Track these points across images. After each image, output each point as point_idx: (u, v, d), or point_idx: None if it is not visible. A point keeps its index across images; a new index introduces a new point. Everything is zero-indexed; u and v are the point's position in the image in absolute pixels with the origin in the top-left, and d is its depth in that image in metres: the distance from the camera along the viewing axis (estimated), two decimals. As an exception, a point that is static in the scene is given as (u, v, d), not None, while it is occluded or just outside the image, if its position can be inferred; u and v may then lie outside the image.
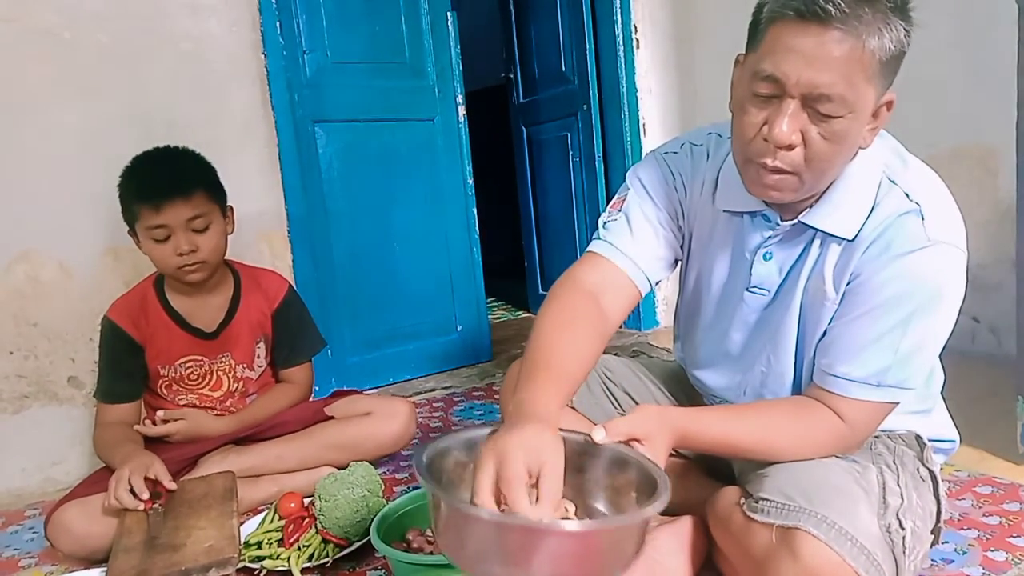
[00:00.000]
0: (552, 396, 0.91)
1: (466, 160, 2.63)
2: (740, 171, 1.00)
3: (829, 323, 1.02)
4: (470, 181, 2.65)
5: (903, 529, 0.95)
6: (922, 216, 0.94)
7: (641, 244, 1.13)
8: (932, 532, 1.04)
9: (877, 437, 1.10)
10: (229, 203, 1.62)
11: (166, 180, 1.48)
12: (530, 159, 3.45)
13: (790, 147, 0.89)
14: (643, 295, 1.16)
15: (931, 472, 1.07)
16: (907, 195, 0.96)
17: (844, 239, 0.99)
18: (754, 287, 1.10)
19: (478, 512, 0.74)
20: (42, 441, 1.86)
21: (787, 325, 1.07)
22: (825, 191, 1.00)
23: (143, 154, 1.55)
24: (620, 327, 3.12)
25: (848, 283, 0.99)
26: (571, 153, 3.12)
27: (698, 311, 1.23)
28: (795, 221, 1.02)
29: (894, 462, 1.06)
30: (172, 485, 1.31)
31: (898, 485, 1.01)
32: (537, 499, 0.76)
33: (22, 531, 1.63)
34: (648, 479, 0.84)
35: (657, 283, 1.18)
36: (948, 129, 2.16)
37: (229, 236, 1.61)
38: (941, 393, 1.17)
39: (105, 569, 1.17)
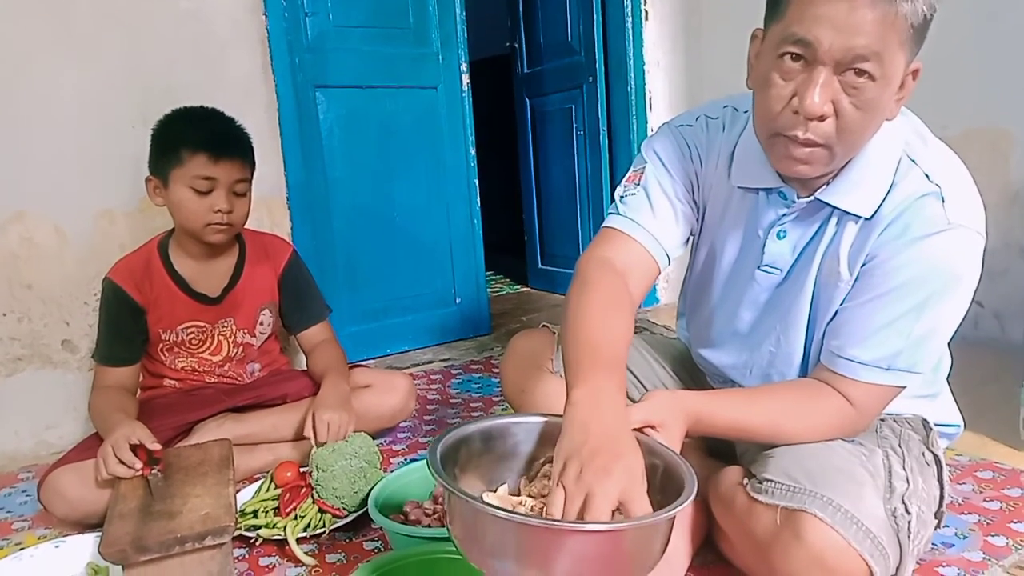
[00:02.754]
0: (619, 390, 0.87)
1: (469, 130, 2.59)
2: (765, 147, 0.97)
3: (841, 304, 1.00)
4: (472, 152, 2.61)
5: (909, 514, 0.95)
6: (942, 199, 0.92)
7: (661, 220, 1.11)
8: (935, 516, 1.03)
9: (883, 420, 1.09)
10: None
11: (232, 136, 1.52)
12: (533, 131, 3.41)
13: (822, 118, 0.86)
14: (662, 272, 1.14)
15: (936, 456, 1.06)
16: (927, 176, 0.94)
17: (861, 217, 0.97)
18: (766, 266, 1.07)
19: (499, 513, 0.71)
20: (36, 404, 1.85)
21: (799, 305, 1.05)
22: (843, 168, 0.97)
23: (193, 107, 1.55)
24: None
25: (863, 264, 0.97)
26: (575, 126, 3.08)
27: (707, 288, 1.20)
28: (812, 198, 0.99)
29: (900, 446, 1.05)
30: (155, 446, 1.29)
31: (904, 469, 1.00)
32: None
33: (15, 494, 1.62)
34: (670, 470, 0.82)
35: (674, 258, 1.16)
36: (960, 111, 2.12)
37: None
38: (947, 379, 1.16)
39: (99, 534, 1.16)
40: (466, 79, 2.54)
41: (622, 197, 1.14)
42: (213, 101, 1.59)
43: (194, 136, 1.47)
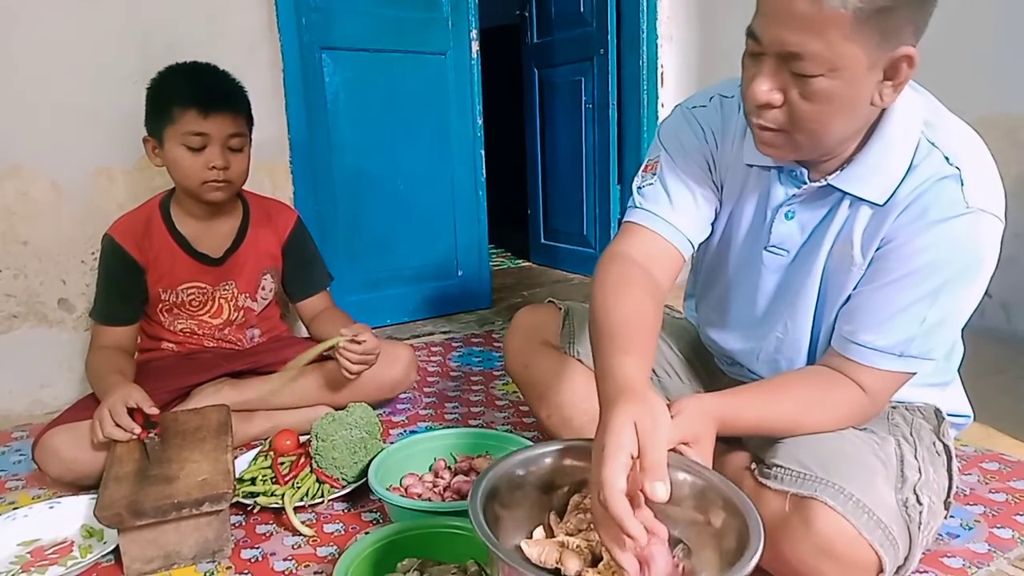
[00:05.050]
0: (643, 370, 0.86)
1: (477, 99, 2.54)
2: None
3: (854, 289, 0.98)
4: (479, 121, 2.56)
5: (920, 504, 0.93)
6: (961, 181, 0.89)
7: (680, 209, 1.09)
8: (945, 507, 1.02)
9: (894, 407, 1.08)
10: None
11: (222, 90, 1.47)
12: (540, 103, 3.35)
13: (768, 105, 0.88)
14: (687, 259, 1.12)
15: (946, 446, 1.05)
16: (947, 159, 0.91)
17: (872, 203, 0.95)
18: (773, 246, 1.06)
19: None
20: (30, 363, 1.82)
21: (807, 289, 1.03)
22: (858, 152, 0.95)
23: (185, 63, 1.51)
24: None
25: (878, 248, 0.95)
26: (584, 99, 3.03)
27: (718, 269, 1.19)
28: (823, 183, 0.97)
29: (911, 434, 1.04)
30: (153, 410, 1.27)
31: (916, 459, 0.99)
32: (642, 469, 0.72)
33: (9, 453, 1.60)
34: (731, 507, 0.77)
35: (700, 245, 1.14)
36: (976, 98, 2.08)
37: None
38: (958, 368, 1.15)
39: (94, 497, 1.15)
40: (476, 46, 2.49)
41: (639, 188, 1.12)
42: (215, 58, 1.54)
43: (183, 92, 1.43)
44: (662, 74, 2.85)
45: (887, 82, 0.87)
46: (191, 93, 1.43)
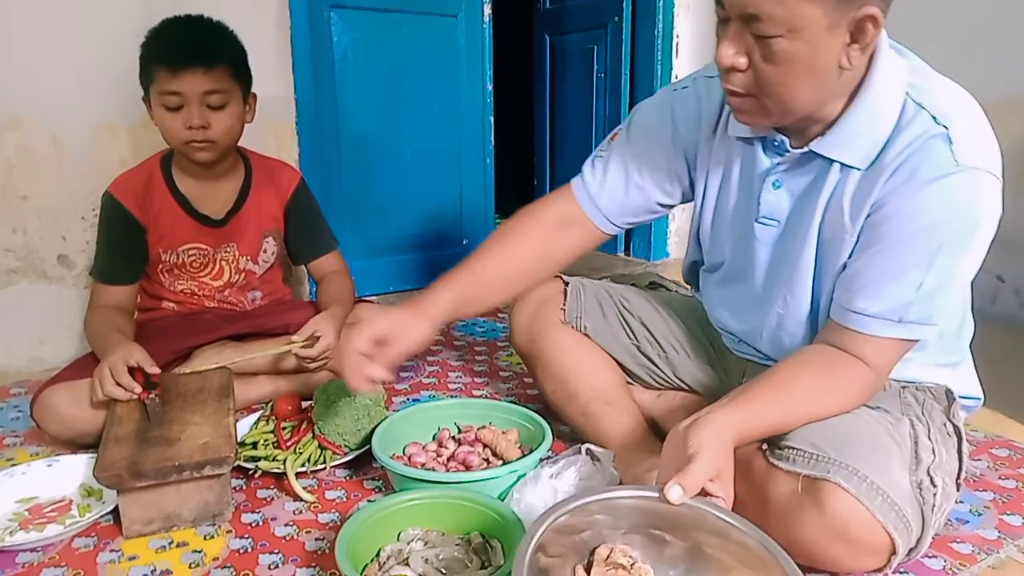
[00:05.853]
0: (445, 293, 1.11)
1: (487, 64, 2.48)
2: None
3: (849, 257, 0.96)
4: (490, 87, 2.51)
5: (935, 487, 0.92)
6: (950, 140, 0.87)
7: (610, 190, 1.17)
8: (956, 488, 1.01)
9: (904, 387, 1.06)
10: (253, 90, 1.52)
11: (191, 46, 1.38)
12: (551, 71, 3.28)
13: (734, 68, 0.89)
14: (610, 235, 1.22)
15: (956, 427, 1.03)
16: (934, 118, 0.89)
17: (856, 168, 0.93)
18: (763, 217, 1.05)
19: None
20: (29, 319, 1.80)
21: (804, 261, 1.01)
22: (840, 117, 0.94)
23: (174, 17, 1.45)
24: (630, 256, 3.06)
25: (869, 215, 0.93)
26: (596, 68, 2.96)
27: (716, 248, 1.19)
28: (805, 149, 0.97)
29: (923, 414, 1.03)
30: (154, 370, 1.25)
31: (929, 439, 0.98)
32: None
33: (7, 409, 1.59)
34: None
35: (630, 225, 1.23)
36: (1001, 79, 2.03)
37: (247, 125, 1.52)
38: (969, 347, 1.13)
39: (93, 456, 1.13)
40: (488, 9, 2.42)
41: (594, 157, 1.20)
42: (220, 14, 1.49)
43: (157, 48, 1.39)
44: (677, 44, 2.79)
45: (854, 45, 0.86)
46: (160, 50, 1.38)
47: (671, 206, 1.22)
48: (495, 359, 1.87)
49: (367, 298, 2.15)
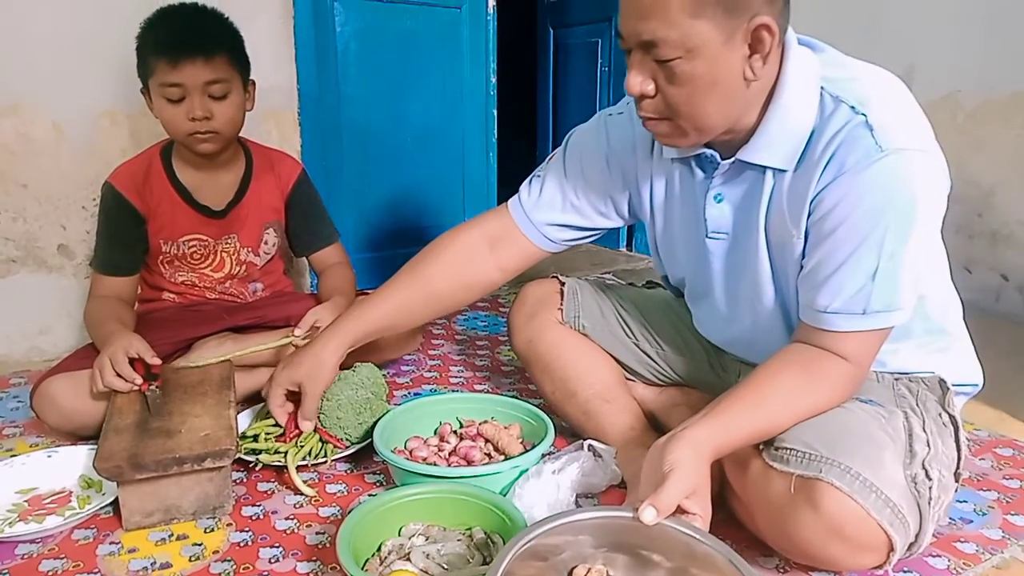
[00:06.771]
0: (355, 317, 1.23)
1: (491, 56, 2.46)
2: None
3: (803, 257, 0.97)
4: (493, 80, 2.49)
5: (930, 479, 0.92)
6: (871, 127, 0.87)
7: (545, 208, 1.20)
8: (955, 479, 0.99)
9: (897, 379, 1.05)
10: (252, 78, 1.50)
11: (191, 36, 1.36)
12: (554, 65, 3.26)
13: (643, 95, 0.91)
14: (548, 252, 1.25)
15: (952, 417, 1.02)
16: (853, 108, 0.89)
17: (784, 170, 0.94)
18: (712, 232, 1.06)
19: None
20: (29, 309, 1.78)
21: (760, 270, 1.02)
22: (759, 124, 0.95)
23: (170, 6, 1.42)
24: (632, 251, 3.05)
25: (809, 214, 0.94)
26: (600, 62, 2.94)
27: (678, 269, 1.21)
28: (734, 159, 0.98)
29: (918, 405, 1.02)
30: (155, 361, 1.24)
31: (924, 431, 0.97)
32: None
33: (7, 399, 1.58)
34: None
35: (568, 243, 1.25)
36: (1008, 73, 2.02)
37: (248, 114, 1.50)
38: (966, 324, 1.11)
39: (93, 447, 1.12)
40: (492, 0, 2.40)
41: (531, 177, 1.23)
42: (222, 3, 1.48)
43: (155, 40, 1.37)
44: (682, 39, 2.77)
45: (755, 55, 0.88)
46: (159, 41, 1.36)
47: (610, 228, 1.26)
48: (497, 353, 1.86)
49: (368, 290, 2.15)
